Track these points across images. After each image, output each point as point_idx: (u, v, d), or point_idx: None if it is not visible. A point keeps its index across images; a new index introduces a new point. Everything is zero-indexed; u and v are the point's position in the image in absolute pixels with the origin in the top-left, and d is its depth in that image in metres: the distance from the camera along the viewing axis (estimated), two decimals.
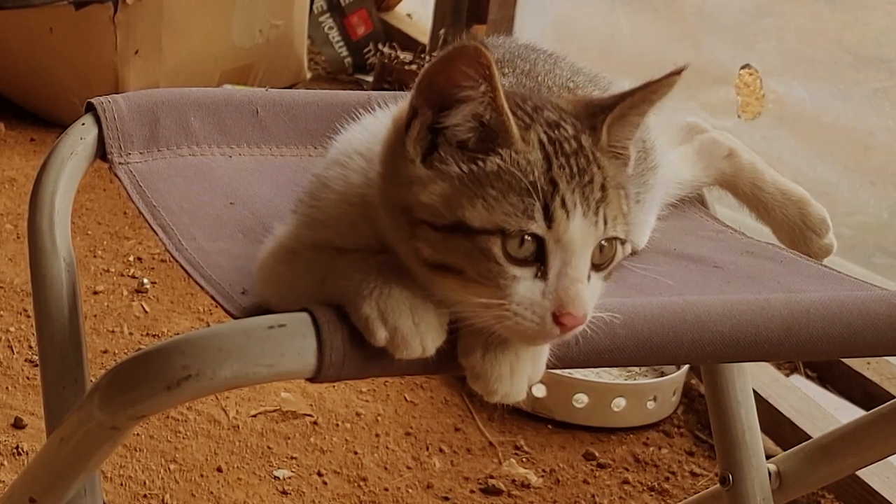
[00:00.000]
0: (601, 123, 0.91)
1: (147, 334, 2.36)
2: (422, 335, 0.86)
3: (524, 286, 0.86)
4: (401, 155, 0.90)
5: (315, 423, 2.13)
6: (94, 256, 2.65)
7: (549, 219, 0.86)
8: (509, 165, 0.87)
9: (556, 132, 0.89)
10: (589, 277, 0.88)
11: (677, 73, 0.91)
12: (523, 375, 0.90)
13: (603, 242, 0.89)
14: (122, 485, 1.91)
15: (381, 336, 0.85)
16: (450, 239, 0.86)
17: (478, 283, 0.86)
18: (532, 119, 0.90)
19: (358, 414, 2.17)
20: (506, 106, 0.87)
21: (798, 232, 1.40)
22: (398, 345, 0.86)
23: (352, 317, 0.87)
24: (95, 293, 2.48)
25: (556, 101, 0.94)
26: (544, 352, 0.92)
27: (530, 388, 0.92)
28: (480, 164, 0.87)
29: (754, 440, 1.54)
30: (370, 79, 3.94)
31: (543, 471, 2.07)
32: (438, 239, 0.87)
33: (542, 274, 0.86)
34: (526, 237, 0.86)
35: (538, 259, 0.86)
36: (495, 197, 0.86)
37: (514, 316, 0.86)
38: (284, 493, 1.94)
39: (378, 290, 0.87)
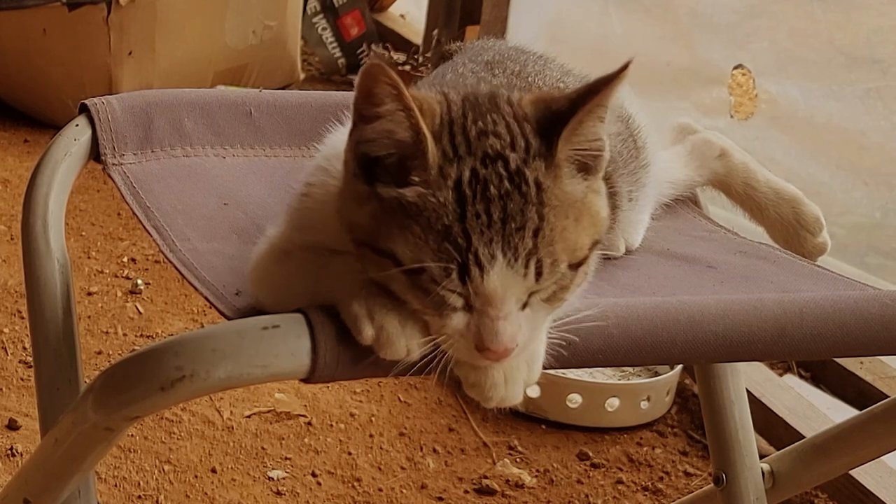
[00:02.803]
0: (556, 138, 0.87)
1: (141, 335, 2.36)
2: (407, 337, 0.86)
3: (456, 317, 0.85)
4: (347, 167, 0.90)
5: (309, 423, 2.14)
6: (88, 258, 2.65)
7: (463, 276, 0.84)
8: (425, 200, 0.84)
9: (488, 168, 0.85)
10: (526, 305, 0.86)
11: (626, 66, 0.88)
12: (518, 380, 0.90)
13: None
14: (116, 486, 1.91)
15: (367, 334, 0.86)
16: (385, 264, 0.86)
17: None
18: (469, 148, 0.86)
19: (352, 414, 2.17)
20: (424, 128, 0.85)
21: (792, 231, 1.40)
22: (383, 344, 0.86)
23: (342, 314, 0.87)
24: (89, 294, 2.48)
25: (522, 107, 0.90)
26: (540, 355, 0.92)
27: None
28: (402, 190, 0.85)
29: (748, 440, 1.54)
30: None
31: (537, 471, 2.07)
32: (377, 262, 0.87)
33: (470, 306, 0.86)
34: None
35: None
36: (419, 236, 0.84)
37: (448, 342, 0.86)
38: (279, 493, 1.94)
39: (368, 290, 0.87)
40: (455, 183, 0.84)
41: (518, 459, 2.10)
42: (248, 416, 2.13)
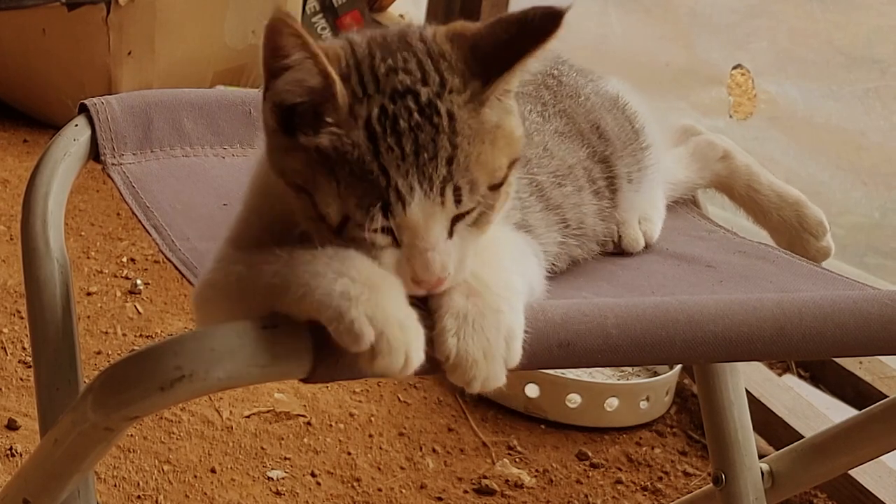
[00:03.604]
0: (493, 81, 0.89)
1: (140, 335, 2.36)
2: (409, 341, 0.85)
3: (386, 255, 0.88)
4: (267, 126, 0.92)
5: (308, 423, 2.14)
6: (88, 258, 2.65)
7: (387, 211, 0.87)
8: (341, 143, 0.87)
9: (397, 104, 0.88)
10: (452, 233, 0.89)
11: (560, 15, 0.90)
12: (498, 358, 0.89)
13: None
14: (115, 486, 1.91)
15: (368, 337, 0.83)
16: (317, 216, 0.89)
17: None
18: (377, 86, 0.89)
19: (351, 414, 2.17)
20: (332, 71, 0.87)
21: (795, 234, 1.40)
22: (383, 351, 0.84)
23: (330, 320, 0.84)
24: (89, 294, 2.48)
25: (438, 44, 0.92)
26: (518, 334, 0.91)
27: (523, 388, 0.92)
28: (318, 137, 0.88)
29: (747, 440, 1.54)
30: None
31: (537, 471, 2.07)
32: (314, 212, 0.89)
33: (398, 242, 0.89)
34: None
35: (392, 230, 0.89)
36: (343, 181, 0.87)
37: None
38: (278, 493, 1.94)
39: (366, 294, 0.85)
40: (365, 122, 0.87)
41: (517, 459, 2.10)
42: (248, 416, 2.13)
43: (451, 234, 0.89)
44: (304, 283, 0.86)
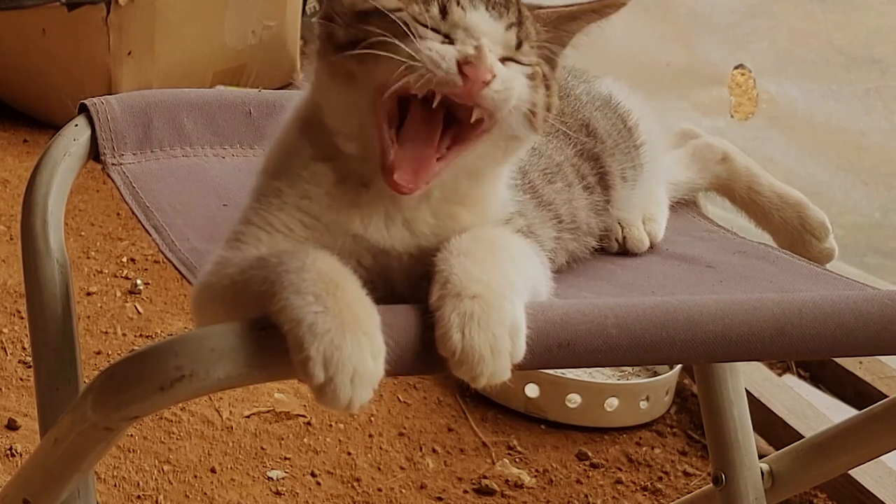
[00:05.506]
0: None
1: (140, 335, 2.36)
2: (356, 387, 0.87)
3: (433, 43, 0.93)
4: None
5: (308, 423, 2.14)
6: (88, 258, 2.65)
7: (445, 10, 0.95)
8: None
9: None
10: (503, 62, 0.96)
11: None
12: (504, 353, 0.89)
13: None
14: (115, 486, 1.91)
15: (319, 378, 0.85)
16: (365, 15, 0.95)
17: (387, 50, 0.93)
18: None
19: (351, 414, 2.17)
20: None
21: (797, 236, 1.40)
22: (328, 396, 0.86)
23: (292, 347, 0.86)
24: (89, 294, 2.48)
25: None
26: (522, 329, 0.91)
27: (523, 388, 0.92)
28: None
29: (747, 440, 1.55)
30: None
31: (536, 471, 2.07)
32: (357, 28, 0.95)
33: (451, 41, 0.94)
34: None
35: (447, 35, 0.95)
36: None
37: (422, 66, 0.92)
38: (278, 493, 1.94)
39: (332, 332, 0.86)
40: None
41: (517, 459, 2.10)
42: (248, 416, 2.13)
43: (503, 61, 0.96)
44: (284, 298, 0.86)
